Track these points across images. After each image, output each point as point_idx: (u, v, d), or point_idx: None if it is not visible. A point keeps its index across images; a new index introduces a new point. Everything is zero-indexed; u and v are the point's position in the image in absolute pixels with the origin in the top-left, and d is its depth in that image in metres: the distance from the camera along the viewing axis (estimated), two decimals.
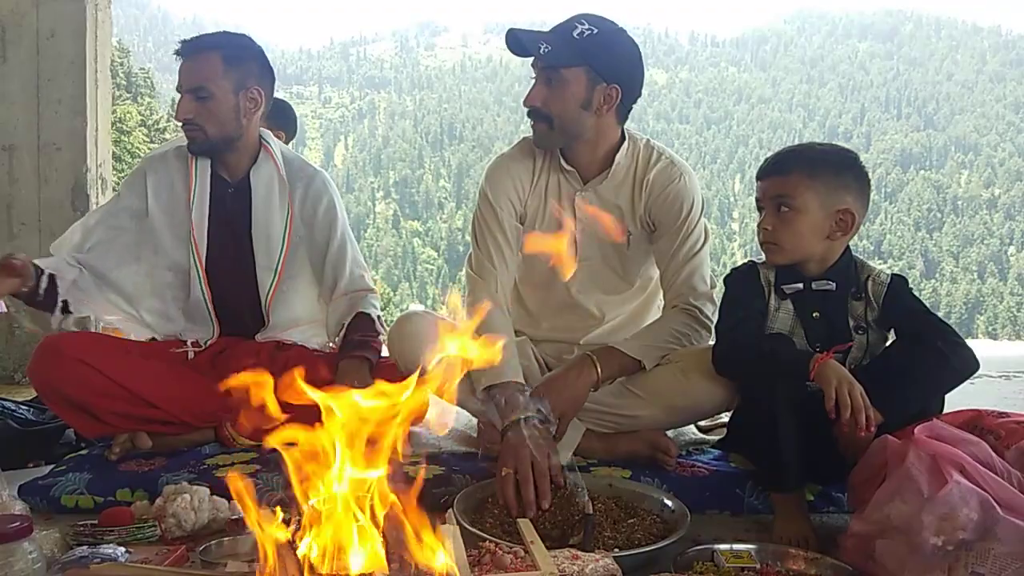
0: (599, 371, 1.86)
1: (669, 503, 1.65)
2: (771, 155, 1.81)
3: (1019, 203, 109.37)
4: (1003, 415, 1.59)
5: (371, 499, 1.08)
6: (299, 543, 1.06)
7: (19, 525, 1.30)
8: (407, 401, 1.10)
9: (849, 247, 1.80)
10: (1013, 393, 3.47)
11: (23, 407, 2.38)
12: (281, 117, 3.06)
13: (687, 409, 1.94)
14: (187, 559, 1.47)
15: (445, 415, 2.14)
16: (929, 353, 1.63)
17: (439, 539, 1.09)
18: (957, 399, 1.69)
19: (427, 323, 2.01)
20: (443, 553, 1.08)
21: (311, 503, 1.08)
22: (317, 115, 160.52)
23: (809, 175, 1.72)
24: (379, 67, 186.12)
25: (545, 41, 1.87)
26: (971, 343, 1.70)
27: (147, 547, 1.54)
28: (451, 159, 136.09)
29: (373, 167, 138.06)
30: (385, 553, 1.07)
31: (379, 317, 2.19)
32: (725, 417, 2.12)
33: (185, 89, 2.04)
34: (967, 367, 1.64)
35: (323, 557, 1.06)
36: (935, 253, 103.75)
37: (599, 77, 1.88)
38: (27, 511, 1.54)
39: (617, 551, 1.42)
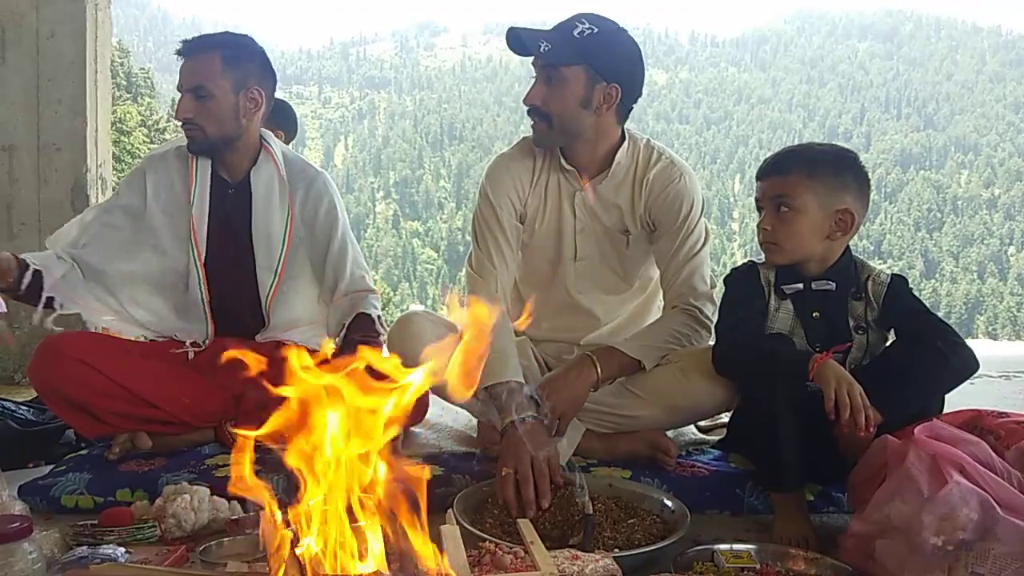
0: (599, 371, 1.86)
1: (669, 503, 1.65)
2: (771, 155, 1.81)
3: (1019, 203, 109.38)
4: (1003, 415, 1.59)
5: (371, 499, 1.08)
6: (299, 543, 1.06)
7: (19, 525, 1.30)
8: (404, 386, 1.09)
9: (849, 247, 1.80)
10: (1013, 393, 3.47)
11: (23, 407, 2.38)
12: (281, 117, 3.05)
13: (687, 409, 1.94)
14: (187, 559, 1.47)
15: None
16: (929, 353, 1.63)
17: (439, 539, 1.09)
18: (957, 399, 1.69)
19: (427, 323, 2.02)
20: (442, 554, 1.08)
21: (311, 503, 1.07)
22: (317, 115, 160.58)
23: (809, 175, 1.72)
24: (379, 67, 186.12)
25: (545, 39, 1.87)
26: (971, 343, 1.70)
27: (147, 547, 1.54)
28: (451, 159, 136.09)
29: (373, 167, 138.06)
30: (385, 553, 1.07)
31: (379, 317, 2.19)
32: (725, 417, 2.12)
33: (185, 88, 2.04)
34: (967, 367, 1.64)
35: (323, 557, 1.05)
36: (935, 253, 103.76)
37: (599, 76, 1.87)
38: (27, 511, 1.54)
39: (617, 551, 1.42)
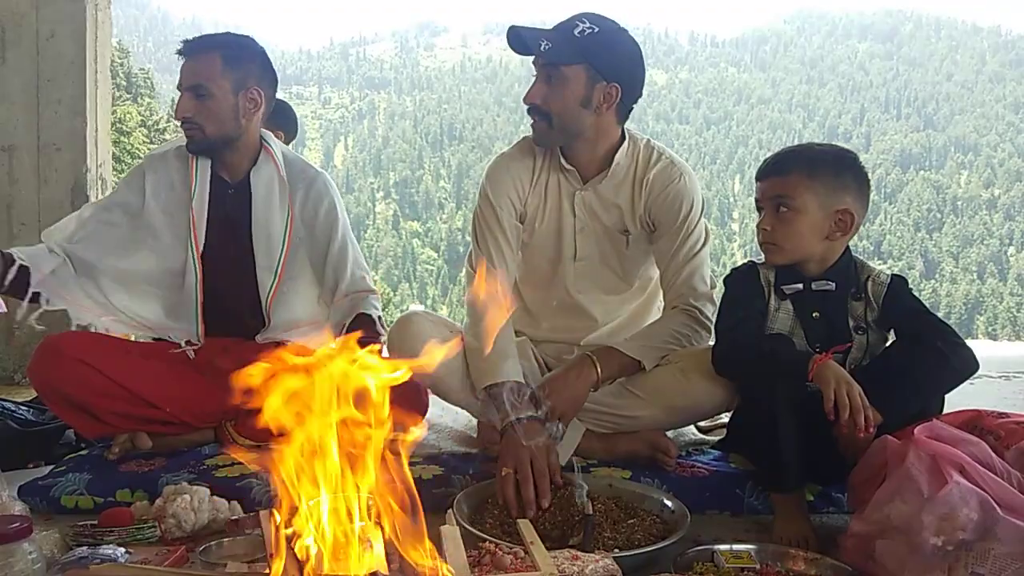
0: (599, 371, 1.86)
1: (669, 503, 1.65)
2: (770, 156, 1.81)
3: (1019, 203, 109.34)
4: (1003, 415, 1.59)
5: (372, 499, 1.08)
6: (298, 543, 1.06)
7: (19, 526, 1.30)
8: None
9: (849, 247, 1.80)
10: (1013, 393, 3.46)
11: (23, 407, 2.38)
12: (281, 117, 3.05)
13: (687, 409, 1.94)
14: (187, 560, 1.47)
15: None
16: (929, 353, 1.63)
17: (439, 540, 1.09)
18: (957, 399, 1.70)
19: (427, 323, 2.02)
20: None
21: (310, 503, 1.07)
22: (317, 116, 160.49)
23: (808, 175, 1.72)
24: (379, 68, 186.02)
25: (546, 38, 1.87)
26: (971, 343, 1.70)
27: (147, 548, 1.54)
28: (451, 160, 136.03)
29: (373, 168, 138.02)
30: (385, 553, 1.07)
31: (380, 318, 2.19)
32: (725, 417, 2.12)
33: (185, 87, 2.05)
34: (967, 367, 1.64)
35: (323, 557, 1.05)
36: (935, 253, 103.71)
37: (599, 75, 1.87)
38: (27, 512, 1.54)
39: (617, 551, 1.42)
